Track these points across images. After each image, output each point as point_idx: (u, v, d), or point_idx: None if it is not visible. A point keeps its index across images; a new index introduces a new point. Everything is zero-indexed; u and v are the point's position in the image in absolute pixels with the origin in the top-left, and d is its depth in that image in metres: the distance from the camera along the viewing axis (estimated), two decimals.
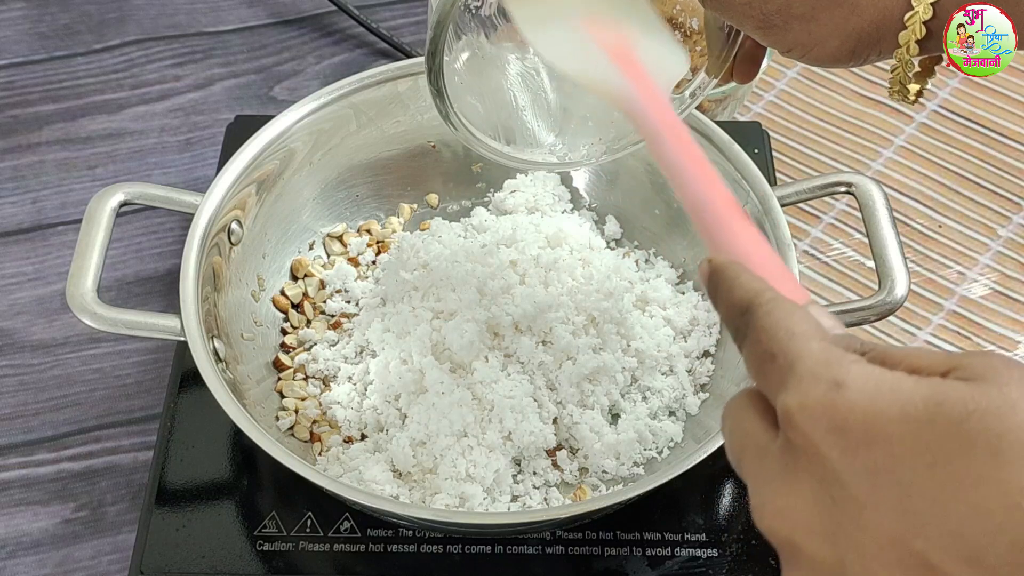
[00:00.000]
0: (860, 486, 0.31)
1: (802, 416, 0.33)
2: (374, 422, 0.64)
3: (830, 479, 0.32)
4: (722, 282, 0.39)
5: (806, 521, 0.33)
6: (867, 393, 0.32)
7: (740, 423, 0.36)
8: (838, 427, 0.32)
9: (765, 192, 0.65)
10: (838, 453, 0.32)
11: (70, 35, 0.94)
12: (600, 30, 0.52)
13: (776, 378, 0.34)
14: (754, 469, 0.35)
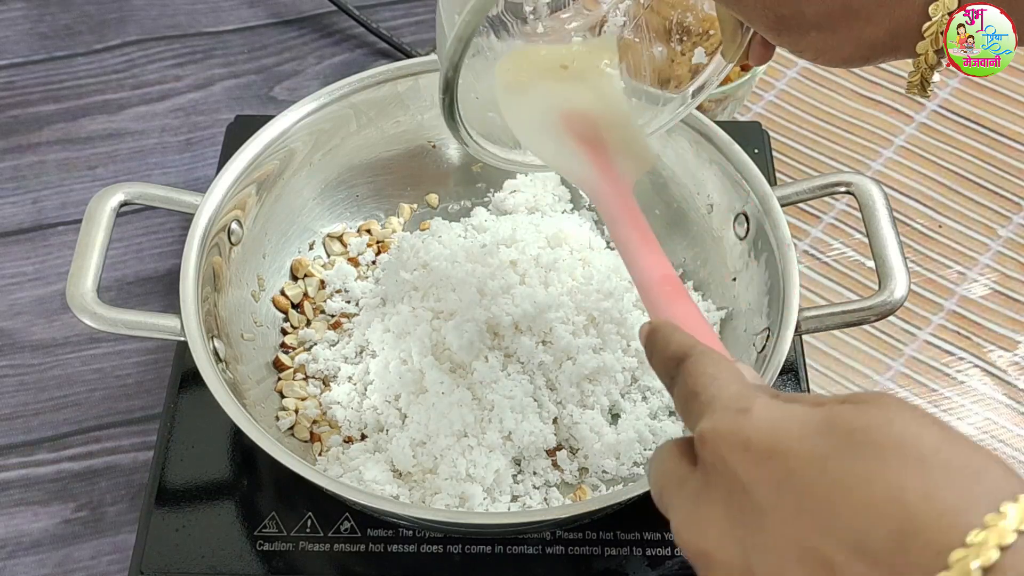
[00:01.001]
0: (764, 494, 0.35)
1: (713, 436, 0.38)
2: (374, 422, 0.64)
3: (738, 490, 0.36)
4: (658, 339, 0.44)
5: (717, 531, 0.37)
6: (769, 418, 0.37)
7: (663, 463, 0.41)
8: (743, 444, 0.36)
9: (765, 192, 0.65)
10: (744, 467, 0.36)
11: (70, 35, 0.94)
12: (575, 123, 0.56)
13: (696, 412, 0.40)
14: (673, 497, 0.40)
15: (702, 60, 0.61)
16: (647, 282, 0.50)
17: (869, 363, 0.73)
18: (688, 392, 0.41)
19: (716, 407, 0.39)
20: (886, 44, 0.50)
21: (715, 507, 0.37)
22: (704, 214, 0.70)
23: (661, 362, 0.44)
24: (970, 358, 0.73)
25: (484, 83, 0.59)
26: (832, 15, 0.49)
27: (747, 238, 0.66)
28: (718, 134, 0.67)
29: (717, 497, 0.37)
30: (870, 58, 0.51)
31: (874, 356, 0.73)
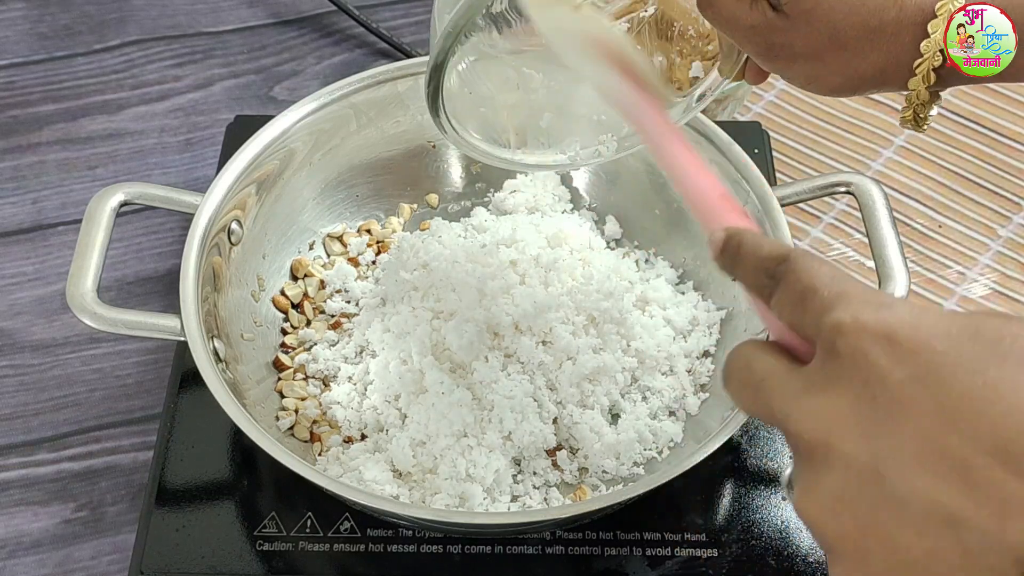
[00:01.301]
0: (904, 389, 0.34)
1: (854, 326, 0.35)
2: (374, 422, 0.64)
3: (875, 381, 0.35)
4: (746, 242, 0.42)
5: (843, 420, 0.35)
6: (914, 314, 0.35)
7: (759, 359, 0.39)
8: (888, 336, 0.35)
9: (765, 192, 0.65)
10: (886, 359, 0.35)
11: (70, 35, 0.94)
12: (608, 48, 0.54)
13: (820, 306, 0.37)
14: (783, 386, 0.38)
15: (699, 75, 0.61)
16: (708, 199, 0.47)
17: None
18: (803, 288, 0.38)
19: (852, 299, 0.36)
20: (875, 79, 0.51)
21: (843, 398, 0.35)
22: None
23: (756, 261, 0.41)
24: None
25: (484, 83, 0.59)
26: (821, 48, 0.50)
27: None
28: (718, 134, 0.67)
29: (846, 387, 0.35)
30: (859, 89, 0.52)
31: None
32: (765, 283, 0.40)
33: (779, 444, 0.64)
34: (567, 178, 0.75)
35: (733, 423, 0.56)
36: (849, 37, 0.49)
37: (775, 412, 0.38)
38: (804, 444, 0.36)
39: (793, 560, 0.60)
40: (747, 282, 0.42)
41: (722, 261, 0.43)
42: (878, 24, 0.49)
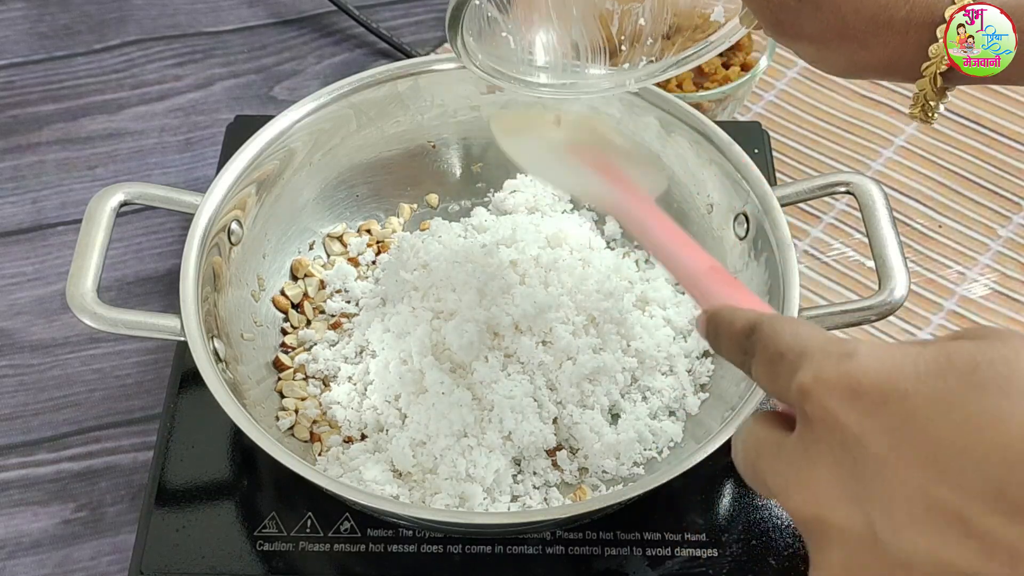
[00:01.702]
0: (880, 443, 0.32)
1: (817, 387, 0.34)
2: (374, 422, 0.64)
3: (850, 443, 0.33)
4: (721, 321, 0.41)
5: (830, 492, 0.33)
6: (878, 358, 0.33)
7: (752, 435, 0.38)
8: (853, 391, 0.33)
9: (765, 192, 0.65)
10: (856, 416, 0.33)
11: (70, 35, 0.94)
12: (583, 154, 0.56)
13: (787, 370, 0.36)
14: (772, 464, 0.36)
15: (720, 19, 0.61)
16: (695, 274, 0.48)
17: None
18: (771, 355, 0.37)
19: (814, 356, 0.35)
20: (878, 70, 0.51)
21: (823, 467, 0.34)
22: (704, 214, 0.70)
23: (730, 339, 0.40)
24: None
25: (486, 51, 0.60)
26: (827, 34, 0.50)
27: (747, 238, 0.66)
28: (718, 134, 0.67)
29: (825, 454, 0.34)
30: (863, 76, 0.53)
31: None
32: (742, 359, 0.40)
33: None
34: None
35: (733, 423, 0.56)
36: (856, 29, 0.49)
37: (772, 491, 0.36)
38: (800, 522, 0.35)
39: (793, 560, 0.60)
40: (730, 360, 0.41)
41: (709, 342, 0.43)
42: (886, 20, 0.49)
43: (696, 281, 0.48)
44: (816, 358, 0.35)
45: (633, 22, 0.62)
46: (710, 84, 0.80)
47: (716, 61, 0.81)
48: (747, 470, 0.38)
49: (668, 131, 0.70)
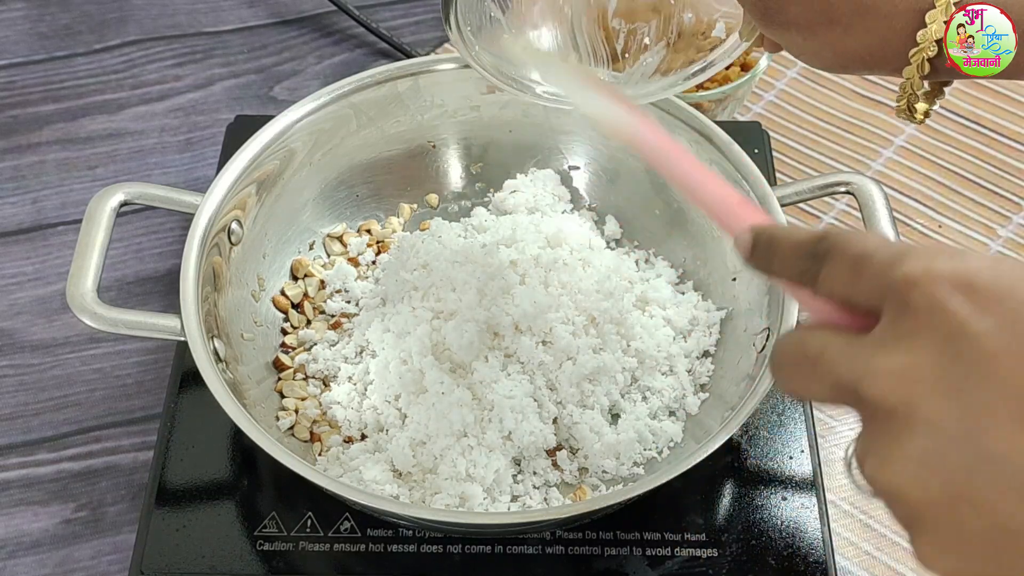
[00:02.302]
0: (991, 339, 0.31)
1: (928, 277, 0.33)
2: (374, 422, 0.64)
3: (957, 334, 0.32)
4: (777, 234, 0.39)
5: (925, 378, 0.32)
6: (992, 263, 0.33)
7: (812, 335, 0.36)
8: (968, 285, 0.32)
9: (765, 192, 0.65)
10: (968, 309, 0.32)
11: (70, 35, 0.94)
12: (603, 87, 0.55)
13: (880, 266, 0.34)
14: (843, 356, 0.35)
15: (721, 35, 0.61)
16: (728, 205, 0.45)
17: None
18: (856, 255, 0.35)
19: (919, 252, 0.34)
20: (864, 59, 0.51)
21: (923, 354, 0.32)
22: (704, 214, 0.70)
23: (793, 249, 0.38)
24: None
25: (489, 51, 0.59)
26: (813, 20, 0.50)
27: None
28: (718, 134, 0.67)
29: (927, 344, 0.32)
30: (849, 68, 0.51)
31: None
32: (807, 267, 0.37)
33: (779, 444, 0.64)
34: (567, 178, 0.75)
35: (733, 423, 0.56)
36: (841, 12, 0.49)
37: (842, 379, 0.34)
38: (881, 408, 0.33)
39: (793, 560, 0.60)
40: (787, 272, 0.39)
41: (755, 260, 0.41)
42: (872, 3, 0.48)
43: (730, 212, 0.45)
44: (924, 254, 0.34)
45: (639, 41, 0.62)
46: (710, 84, 0.80)
47: None
48: (802, 369, 0.36)
49: (668, 131, 0.69)
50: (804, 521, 0.61)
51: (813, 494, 0.62)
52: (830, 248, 0.37)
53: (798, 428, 0.65)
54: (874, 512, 0.66)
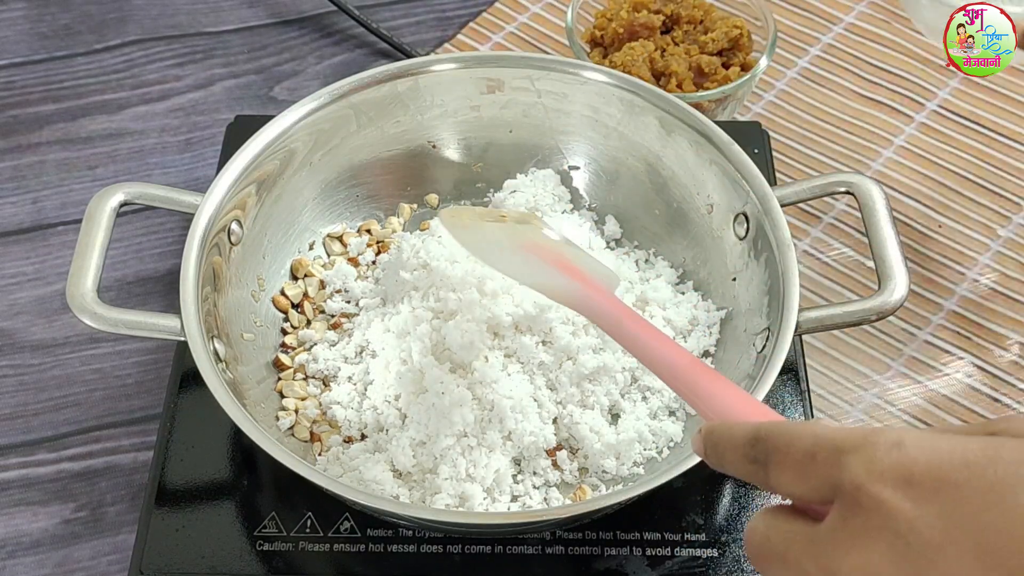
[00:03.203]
0: (934, 530, 0.34)
1: (871, 478, 0.35)
2: (374, 422, 0.64)
3: (904, 529, 0.34)
4: (720, 436, 0.42)
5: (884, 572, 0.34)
6: (926, 448, 0.35)
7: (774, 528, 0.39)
8: (906, 480, 0.34)
9: (765, 192, 0.65)
10: (910, 504, 0.34)
11: (70, 35, 0.94)
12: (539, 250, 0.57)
13: (826, 468, 0.36)
14: (811, 553, 0.37)
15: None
16: (677, 369, 0.49)
17: (869, 363, 0.73)
18: (798, 458, 0.38)
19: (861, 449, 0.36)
20: None
21: (877, 548, 0.35)
22: (704, 214, 0.70)
23: (734, 451, 0.41)
24: (970, 358, 0.73)
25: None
26: None
27: (747, 238, 0.66)
28: (718, 134, 0.67)
29: (877, 540, 0.35)
30: None
31: (874, 356, 0.73)
32: (753, 469, 0.40)
33: None
34: (567, 178, 0.75)
35: None
36: None
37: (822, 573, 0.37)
38: None
39: None
40: (738, 472, 0.41)
41: (710, 461, 0.43)
42: None
43: (679, 374, 0.49)
44: (865, 450, 0.35)
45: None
46: (710, 84, 0.80)
47: (716, 61, 0.81)
48: (773, 564, 0.39)
49: (668, 131, 0.70)
50: None
51: None
52: (769, 452, 0.39)
53: None
54: None
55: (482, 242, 0.60)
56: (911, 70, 0.89)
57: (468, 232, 0.61)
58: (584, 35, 0.85)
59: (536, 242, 0.59)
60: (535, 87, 0.73)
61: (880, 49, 0.91)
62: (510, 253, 0.58)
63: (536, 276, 0.57)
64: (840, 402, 0.71)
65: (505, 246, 0.59)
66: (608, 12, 0.85)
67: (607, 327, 0.55)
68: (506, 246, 0.59)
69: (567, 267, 0.57)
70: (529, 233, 0.61)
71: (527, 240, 0.59)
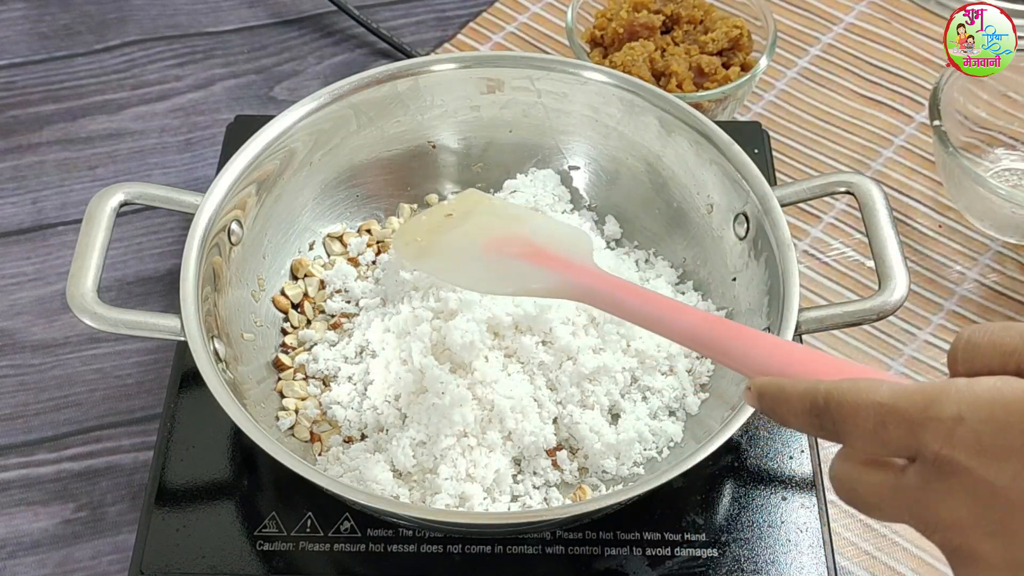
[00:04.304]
0: (1012, 491, 0.37)
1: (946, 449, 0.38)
2: (374, 422, 0.64)
3: (987, 494, 0.38)
4: (775, 400, 0.43)
5: (971, 527, 0.38)
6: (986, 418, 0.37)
7: (859, 481, 0.41)
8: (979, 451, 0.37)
9: (765, 192, 0.65)
10: (987, 470, 0.37)
11: (70, 35, 0.94)
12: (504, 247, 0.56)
13: (897, 438, 0.39)
14: (902, 504, 0.40)
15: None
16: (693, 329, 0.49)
17: (869, 363, 0.73)
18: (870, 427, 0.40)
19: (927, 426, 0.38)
20: None
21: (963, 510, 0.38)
22: (704, 214, 0.70)
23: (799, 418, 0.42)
24: None
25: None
26: None
27: (747, 238, 0.66)
28: (718, 134, 0.67)
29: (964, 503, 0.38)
30: None
31: (874, 356, 0.73)
32: (823, 434, 0.42)
33: (779, 444, 0.64)
34: (567, 178, 0.75)
35: (733, 423, 0.56)
36: None
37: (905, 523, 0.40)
38: (947, 551, 0.39)
39: (793, 560, 0.60)
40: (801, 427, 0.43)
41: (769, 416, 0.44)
42: None
43: (697, 336, 0.49)
44: (932, 426, 0.38)
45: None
46: (710, 84, 0.80)
47: (716, 61, 0.81)
48: (868, 509, 0.42)
49: (668, 131, 0.70)
50: (804, 521, 0.61)
51: (813, 494, 0.62)
52: (836, 423, 0.40)
53: None
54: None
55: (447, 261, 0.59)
56: (911, 70, 0.89)
57: (430, 258, 0.60)
58: (584, 35, 0.85)
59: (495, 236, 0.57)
60: (535, 87, 0.73)
61: (880, 49, 0.91)
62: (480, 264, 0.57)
63: (515, 282, 0.56)
64: None
65: (471, 254, 0.58)
66: (608, 12, 0.85)
67: (607, 307, 0.54)
68: (471, 254, 0.58)
69: (538, 254, 0.55)
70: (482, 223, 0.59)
71: (486, 237, 0.58)
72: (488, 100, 0.73)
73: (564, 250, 0.56)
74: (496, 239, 0.57)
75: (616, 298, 0.53)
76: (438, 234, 0.61)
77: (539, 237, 0.57)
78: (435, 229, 0.61)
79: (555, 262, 0.55)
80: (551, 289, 0.55)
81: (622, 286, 0.54)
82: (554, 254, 0.55)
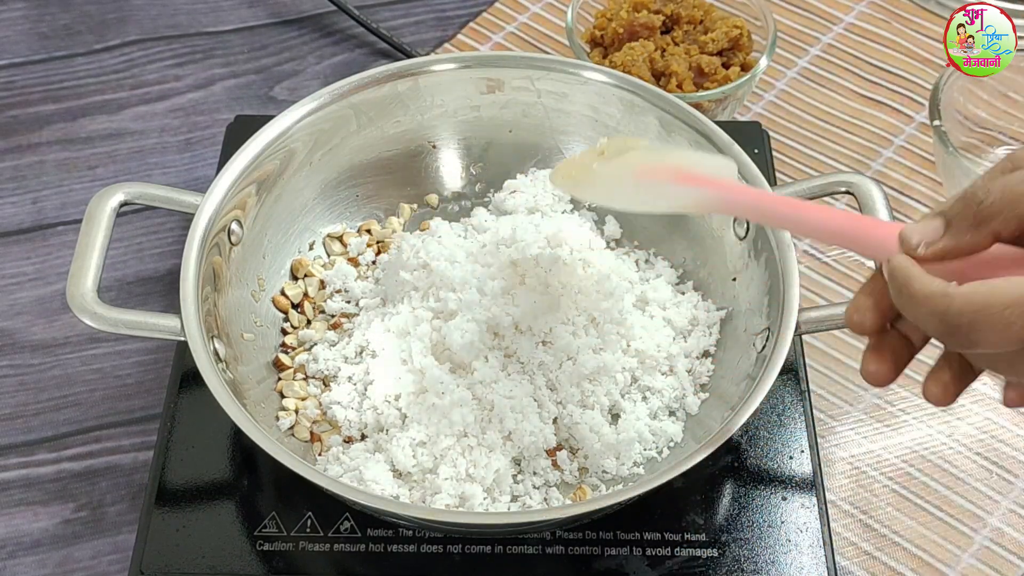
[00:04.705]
0: None
1: None
2: (374, 422, 0.64)
3: None
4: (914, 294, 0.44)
5: None
6: None
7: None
8: None
9: None
10: None
11: (70, 35, 0.94)
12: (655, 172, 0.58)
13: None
14: None
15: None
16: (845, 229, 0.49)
17: None
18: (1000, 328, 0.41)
19: None
20: None
21: None
22: (704, 214, 0.70)
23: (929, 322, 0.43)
24: None
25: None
26: None
27: (747, 238, 0.66)
28: (718, 134, 0.67)
29: None
30: None
31: None
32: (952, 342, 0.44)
33: (779, 444, 0.64)
34: None
35: (733, 423, 0.56)
36: None
37: None
38: None
39: (793, 560, 0.60)
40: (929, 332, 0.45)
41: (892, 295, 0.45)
42: None
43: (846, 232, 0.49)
44: None
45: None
46: (710, 84, 0.80)
47: (716, 61, 0.81)
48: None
49: (668, 131, 0.70)
50: (804, 521, 0.61)
51: (813, 494, 0.62)
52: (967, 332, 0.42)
53: (798, 428, 0.65)
54: (874, 512, 0.66)
55: (603, 188, 0.61)
56: (911, 70, 0.89)
57: (587, 187, 0.62)
58: (584, 35, 0.85)
59: (648, 165, 0.60)
60: (535, 87, 0.73)
61: (880, 49, 0.91)
62: (633, 188, 0.59)
63: (668, 200, 0.58)
64: (840, 402, 0.71)
65: (626, 182, 0.60)
66: (608, 12, 0.85)
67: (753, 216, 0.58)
68: (627, 181, 0.60)
69: (687, 177, 0.57)
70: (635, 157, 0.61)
71: (639, 167, 0.60)
72: (488, 100, 0.73)
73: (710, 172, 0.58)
74: (648, 167, 0.59)
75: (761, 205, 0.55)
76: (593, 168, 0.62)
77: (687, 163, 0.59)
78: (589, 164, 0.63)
79: (703, 181, 0.57)
80: (700, 203, 0.57)
81: (765, 196, 0.58)
82: (701, 175, 0.57)
